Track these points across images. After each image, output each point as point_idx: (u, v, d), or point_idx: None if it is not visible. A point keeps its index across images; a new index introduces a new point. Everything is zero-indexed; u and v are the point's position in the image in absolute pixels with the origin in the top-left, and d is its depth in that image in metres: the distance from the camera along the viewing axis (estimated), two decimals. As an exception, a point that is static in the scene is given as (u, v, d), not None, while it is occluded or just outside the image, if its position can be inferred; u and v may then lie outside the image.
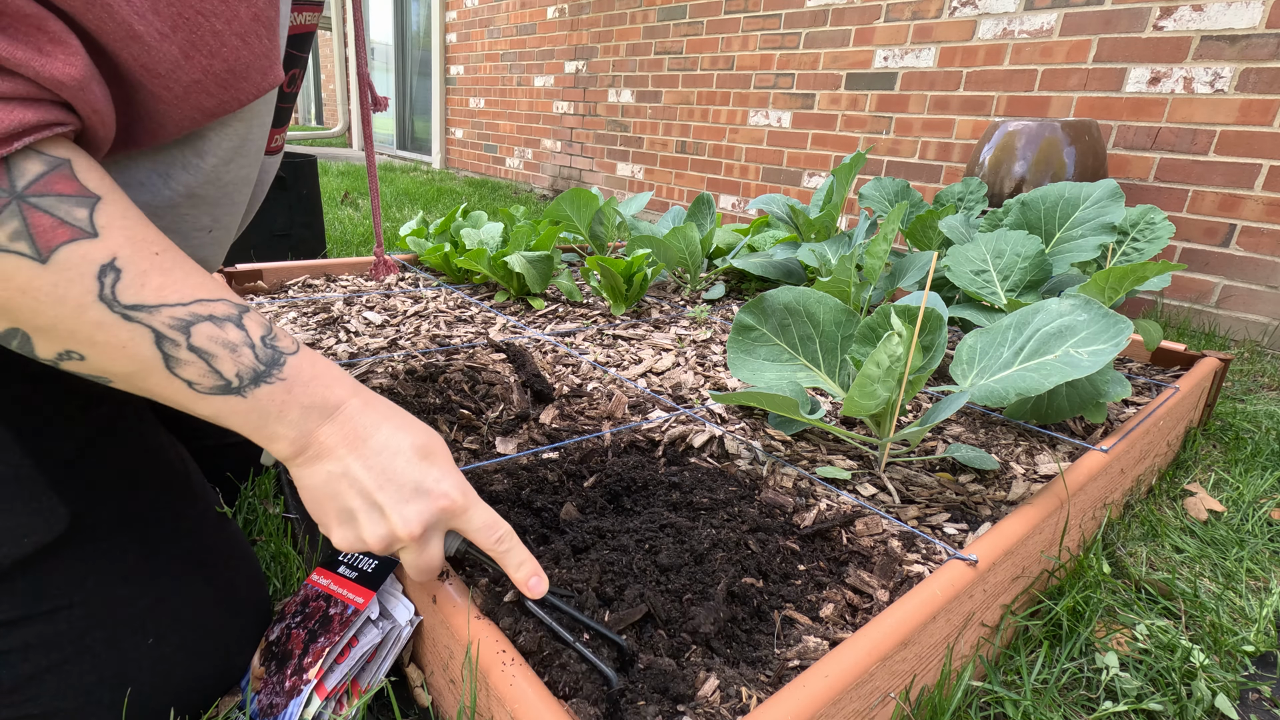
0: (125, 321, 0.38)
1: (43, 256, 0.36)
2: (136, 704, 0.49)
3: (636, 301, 1.45)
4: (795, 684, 0.45)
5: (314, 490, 0.46)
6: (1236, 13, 1.81)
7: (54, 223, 0.36)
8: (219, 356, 0.41)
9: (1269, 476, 1.09)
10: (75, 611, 0.47)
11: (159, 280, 0.39)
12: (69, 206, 0.37)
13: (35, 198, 0.36)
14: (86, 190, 0.38)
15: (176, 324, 0.40)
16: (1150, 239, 1.17)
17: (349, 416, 0.45)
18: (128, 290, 0.38)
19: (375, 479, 0.45)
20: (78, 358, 0.39)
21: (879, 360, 0.70)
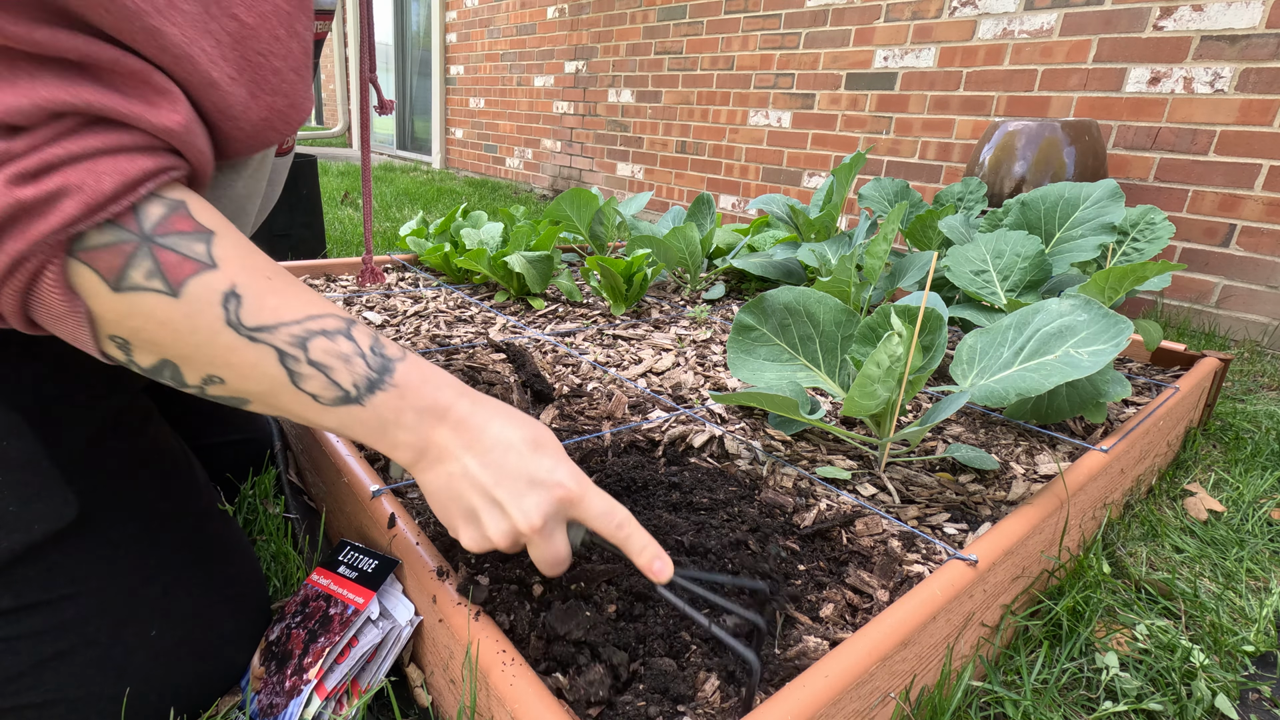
0: (252, 343, 0.41)
1: (175, 291, 0.39)
2: (136, 698, 0.49)
3: (636, 301, 1.45)
4: (795, 684, 0.45)
5: (438, 493, 0.47)
6: (1236, 13, 1.81)
7: (179, 259, 0.39)
8: (335, 368, 0.43)
9: (1269, 476, 1.09)
10: (80, 601, 0.48)
11: (275, 301, 0.42)
12: (189, 242, 0.39)
13: (161, 238, 0.38)
14: (202, 227, 0.40)
15: (294, 341, 0.42)
16: (1150, 239, 1.17)
17: (461, 418, 0.46)
18: (249, 314, 0.41)
19: (492, 475, 0.45)
20: (219, 381, 0.42)
21: (879, 360, 0.70)
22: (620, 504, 0.47)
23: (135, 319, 0.39)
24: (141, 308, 0.38)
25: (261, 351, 0.41)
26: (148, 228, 0.38)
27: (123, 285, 0.38)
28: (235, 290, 0.40)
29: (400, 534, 0.59)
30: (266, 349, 0.41)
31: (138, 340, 0.40)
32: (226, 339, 0.40)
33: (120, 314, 0.38)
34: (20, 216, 0.34)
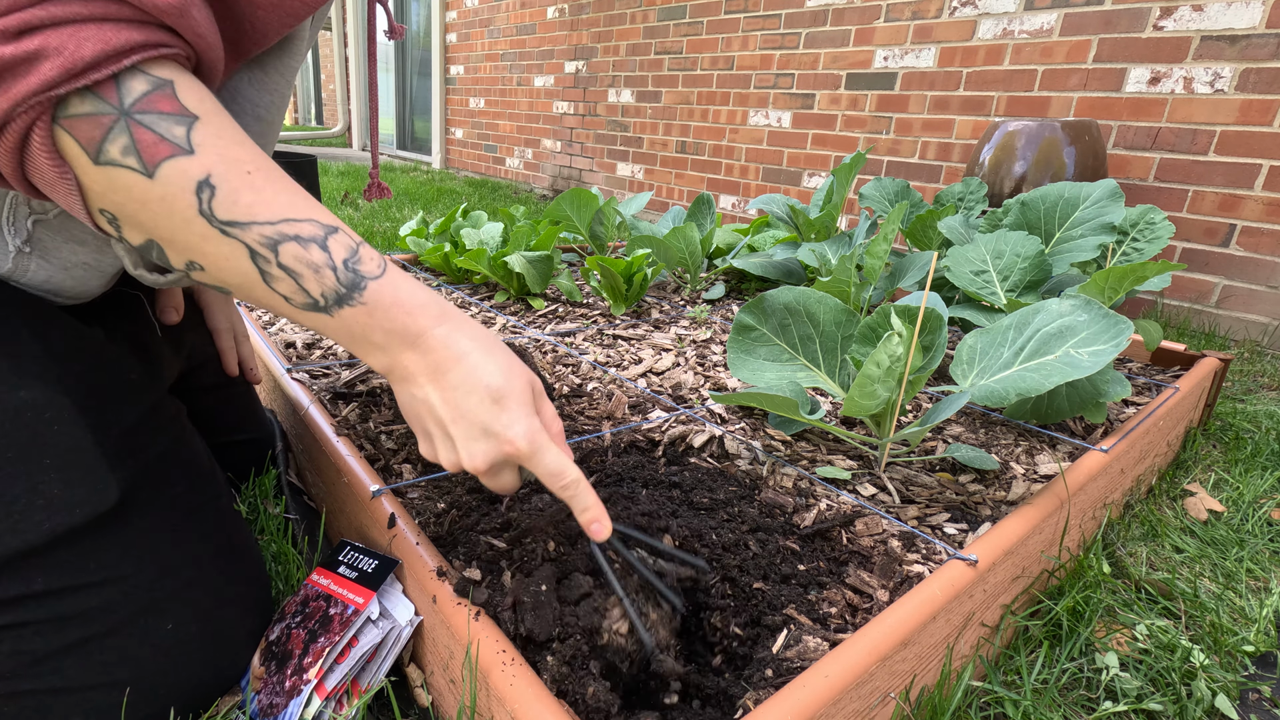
0: (224, 236, 0.41)
1: (149, 171, 0.39)
2: (147, 689, 0.50)
3: (636, 301, 1.45)
4: (795, 684, 0.45)
5: (403, 405, 0.50)
6: (1236, 13, 1.81)
7: (155, 139, 0.38)
8: (304, 276, 0.43)
9: (1269, 476, 1.09)
10: (108, 589, 0.48)
11: (250, 198, 0.41)
12: (169, 124, 0.39)
13: (139, 114, 0.38)
14: (185, 110, 0.39)
15: (265, 241, 0.42)
16: (1150, 239, 1.17)
17: (431, 346, 0.46)
18: (222, 206, 0.40)
19: (449, 412, 0.46)
20: (200, 268, 0.43)
21: (879, 360, 0.70)
22: (572, 465, 0.48)
23: (117, 194, 0.39)
24: (120, 183, 0.39)
25: (233, 246, 0.41)
26: (127, 103, 0.38)
27: (100, 158, 0.38)
28: (210, 179, 0.40)
29: (400, 534, 0.59)
30: (238, 244, 0.41)
31: (123, 216, 0.41)
32: (199, 228, 0.40)
33: (103, 187, 0.39)
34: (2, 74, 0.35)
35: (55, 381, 0.48)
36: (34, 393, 0.47)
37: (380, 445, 0.76)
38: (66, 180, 0.39)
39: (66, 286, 0.52)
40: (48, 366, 0.48)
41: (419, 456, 0.75)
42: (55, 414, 0.47)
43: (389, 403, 0.85)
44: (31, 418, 0.46)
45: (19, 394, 0.46)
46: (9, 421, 0.46)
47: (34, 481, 0.46)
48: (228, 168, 0.40)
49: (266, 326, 1.14)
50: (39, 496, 0.46)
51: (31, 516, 0.45)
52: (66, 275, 0.51)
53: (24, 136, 0.37)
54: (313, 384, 0.89)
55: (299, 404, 0.83)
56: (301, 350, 1.03)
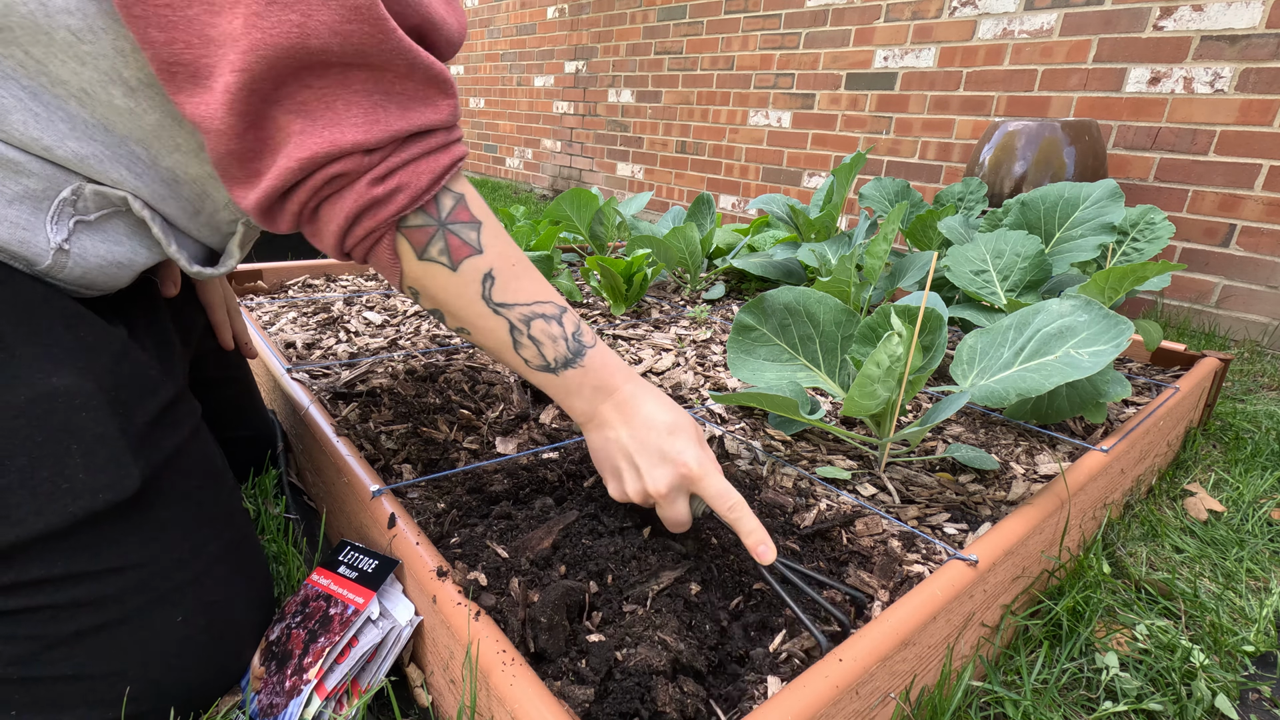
0: (494, 314, 0.55)
1: (454, 266, 0.53)
2: (151, 682, 0.50)
3: (636, 301, 1.45)
4: (795, 684, 0.45)
5: (596, 450, 0.61)
6: (1236, 13, 1.81)
7: (460, 243, 0.53)
8: (545, 345, 0.57)
9: (1269, 476, 1.09)
10: (123, 577, 0.49)
11: (515, 286, 0.55)
12: (467, 230, 0.53)
13: (451, 225, 0.53)
14: (475, 218, 0.54)
15: (523, 319, 0.56)
16: (1150, 239, 1.17)
17: (623, 398, 0.58)
18: (498, 292, 0.55)
19: (635, 445, 0.57)
20: (467, 332, 0.57)
21: (879, 360, 0.70)
22: (736, 491, 0.56)
23: (426, 279, 0.54)
24: (431, 272, 0.53)
25: (499, 321, 0.56)
26: (443, 216, 0.52)
27: (424, 256, 0.53)
28: (492, 273, 0.54)
29: (400, 534, 0.59)
30: (502, 320, 0.56)
31: (425, 292, 0.55)
32: (479, 307, 0.55)
33: (419, 274, 0.54)
34: (372, 206, 0.49)
35: (85, 371, 0.49)
36: (66, 380, 0.48)
37: (380, 445, 0.76)
38: (396, 267, 0.53)
39: (98, 282, 0.54)
40: (78, 357, 0.50)
41: (419, 456, 0.75)
42: (84, 401, 0.49)
43: (389, 403, 0.85)
44: (63, 404, 0.48)
45: (52, 380, 0.48)
46: (41, 407, 0.47)
47: (60, 466, 0.47)
48: (502, 263, 0.55)
49: (267, 326, 1.14)
50: (64, 480, 0.47)
51: (56, 500, 0.47)
52: (100, 273, 0.54)
53: (377, 241, 0.51)
54: (313, 384, 0.89)
55: (299, 404, 0.83)
56: (301, 350, 1.03)
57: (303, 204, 0.48)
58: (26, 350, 0.48)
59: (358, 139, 0.46)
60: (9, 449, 0.46)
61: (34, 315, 0.49)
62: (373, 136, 0.47)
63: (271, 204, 0.49)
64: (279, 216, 0.50)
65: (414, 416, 0.82)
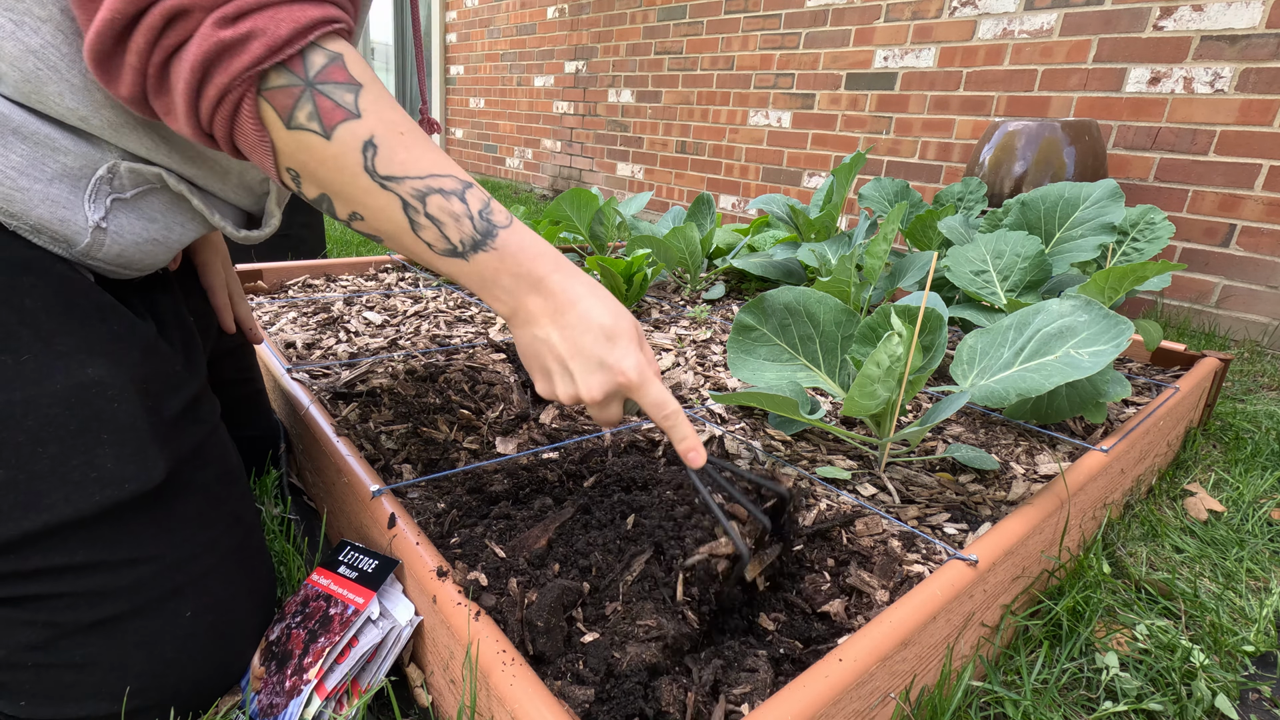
0: (382, 190, 0.47)
1: (327, 134, 0.45)
2: (157, 675, 0.50)
3: (636, 301, 1.45)
4: (795, 684, 0.45)
5: (523, 347, 0.55)
6: (1236, 13, 1.81)
7: (332, 106, 0.45)
8: (446, 224, 0.49)
9: (1269, 476, 1.09)
10: (140, 568, 0.50)
11: (403, 156, 0.47)
12: (342, 92, 0.45)
13: (320, 85, 0.45)
14: (353, 79, 0.46)
15: (415, 194, 0.48)
16: (1150, 239, 1.17)
17: (551, 290, 0.52)
18: (382, 163, 0.47)
19: (568, 349, 0.52)
20: (360, 218, 0.49)
21: (879, 360, 0.70)
22: (673, 398, 0.54)
23: (301, 154, 0.46)
24: (305, 144, 0.46)
25: (389, 198, 0.48)
26: (311, 75, 0.44)
27: (291, 124, 0.45)
28: (373, 140, 0.46)
29: (400, 534, 0.59)
30: (393, 196, 0.48)
31: (304, 173, 0.47)
32: (364, 182, 0.47)
33: (291, 149, 0.46)
34: (223, 54, 0.41)
35: (118, 363, 0.50)
36: (100, 371, 0.49)
37: (380, 445, 0.76)
38: (264, 143, 0.45)
39: (135, 260, 0.55)
40: (112, 348, 0.51)
41: (419, 456, 0.75)
42: (117, 392, 0.49)
43: (389, 403, 0.85)
44: (97, 394, 0.49)
45: (88, 370, 0.49)
46: (76, 396, 0.48)
47: (91, 455, 0.48)
48: (386, 129, 0.47)
49: (267, 326, 1.14)
50: (94, 469, 0.48)
51: (85, 488, 0.47)
52: (137, 250, 0.54)
53: (236, 107, 0.44)
54: (313, 384, 0.89)
55: (299, 404, 0.83)
56: (301, 350, 1.03)
57: (142, 54, 0.42)
58: (64, 340, 0.48)
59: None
60: (44, 436, 0.47)
61: (71, 306, 0.50)
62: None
63: (106, 49, 0.42)
64: (118, 72, 0.43)
65: (414, 416, 0.82)
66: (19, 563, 0.46)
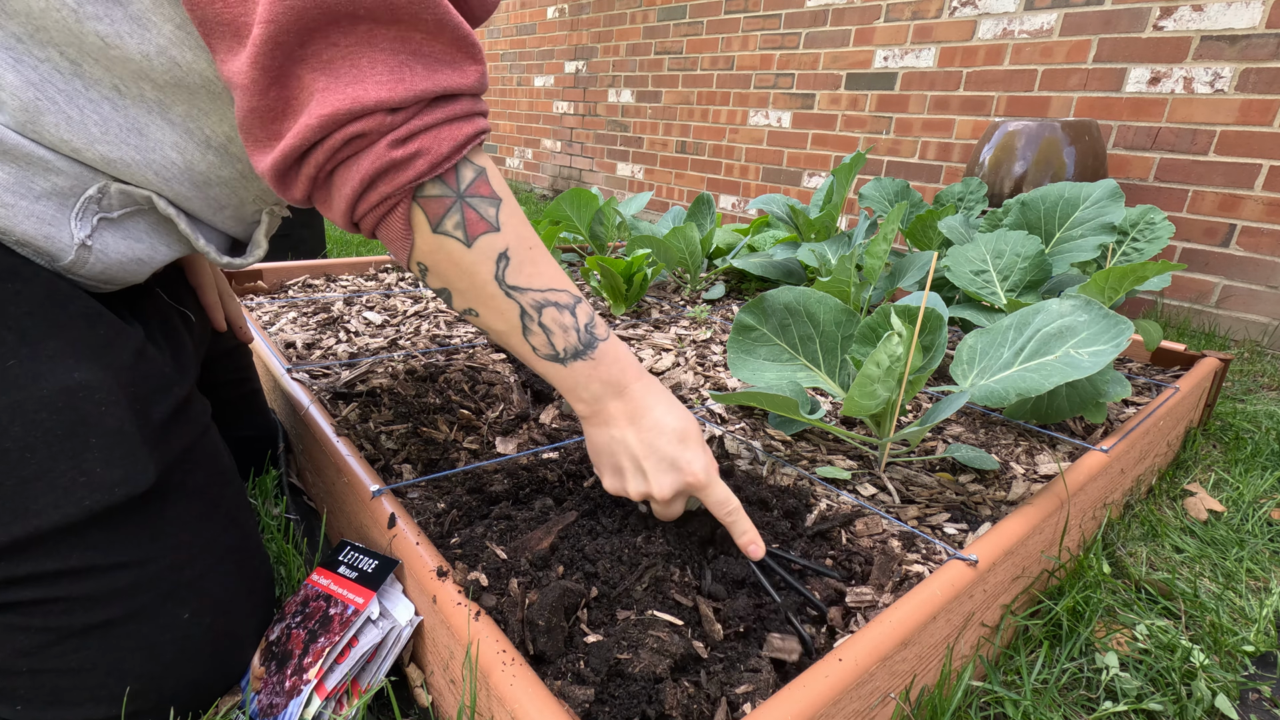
0: (506, 296, 0.52)
1: (469, 242, 0.50)
2: (154, 679, 0.50)
3: (636, 301, 1.45)
4: (795, 684, 0.45)
5: (597, 445, 0.59)
6: (1236, 13, 1.81)
7: (477, 218, 0.50)
8: (555, 334, 0.54)
9: (1269, 476, 1.09)
10: (133, 571, 0.50)
11: (530, 270, 0.53)
12: (486, 205, 0.50)
13: (470, 198, 0.49)
14: (495, 194, 0.51)
15: (535, 304, 0.53)
16: (1150, 239, 1.17)
17: (633, 396, 0.57)
18: (512, 274, 0.52)
19: (643, 450, 0.56)
20: (474, 314, 0.54)
21: (879, 360, 0.70)
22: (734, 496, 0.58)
23: (438, 254, 0.51)
24: (445, 248, 0.50)
25: (511, 305, 0.53)
26: (462, 188, 0.49)
27: (438, 229, 0.49)
28: (507, 252, 0.51)
29: (400, 534, 0.59)
30: (514, 304, 0.53)
31: (434, 269, 0.52)
32: (491, 289, 0.52)
33: (431, 248, 0.50)
34: (390, 169, 0.46)
35: (105, 367, 0.50)
36: (87, 375, 0.49)
37: (380, 445, 0.76)
38: (407, 240, 0.50)
39: (118, 278, 0.55)
40: (99, 352, 0.51)
41: (419, 456, 0.75)
42: (104, 396, 0.49)
43: (389, 403, 0.85)
44: (84, 398, 0.48)
45: (74, 375, 0.49)
46: (63, 400, 0.48)
47: (79, 459, 0.48)
48: (519, 243, 0.52)
49: (267, 326, 1.14)
50: (82, 474, 0.48)
51: (74, 493, 0.47)
52: (120, 269, 0.55)
53: (391, 209, 0.48)
54: (313, 384, 0.89)
55: (299, 404, 0.83)
56: (301, 350, 1.03)
57: (319, 166, 0.46)
58: (50, 345, 0.48)
59: (381, 97, 0.44)
60: (32, 441, 0.47)
61: (57, 311, 0.50)
62: (397, 95, 0.44)
63: (288, 166, 0.47)
64: (293, 181, 0.48)
65: (414, 416, 0.82)
66: (11, 569, 0.46)
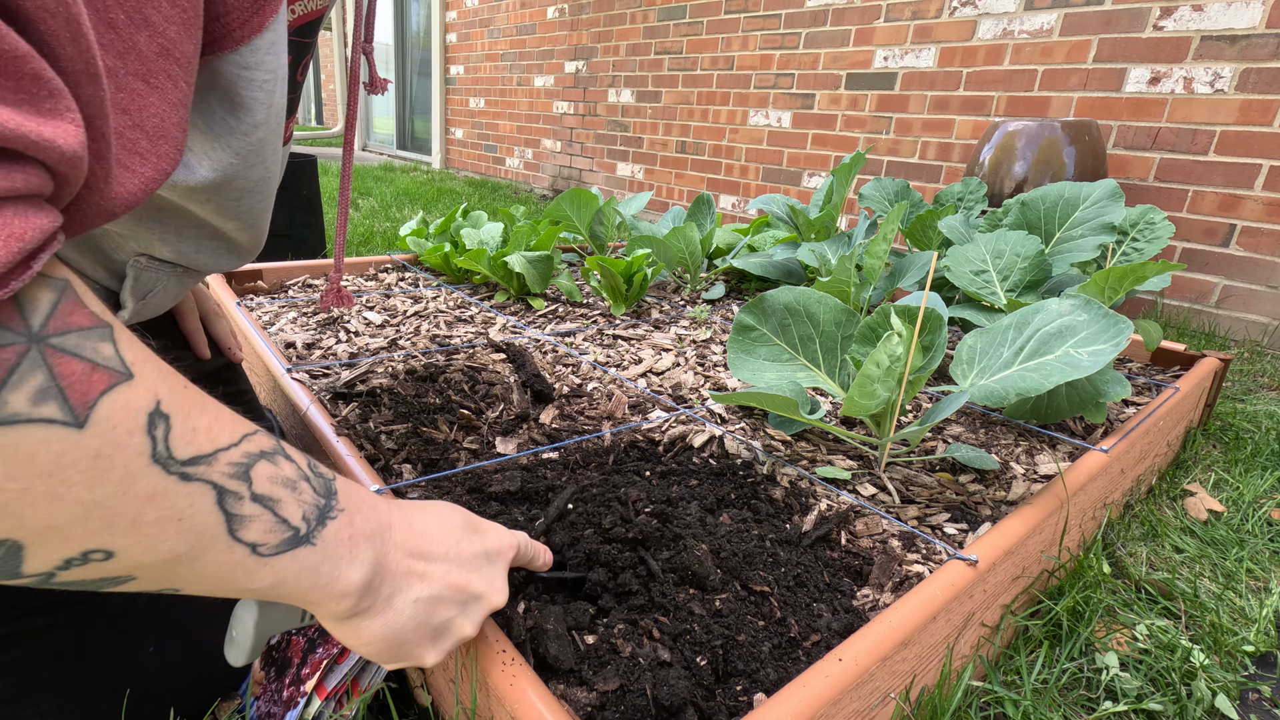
0: (183, 483, 0.29)
1: (79, 419, 0.25)
2: (135, 710, 0.49)
3: (636, 301, 1.45)
4: (795, 684, 0.45)
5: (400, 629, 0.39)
6: (1236, 13, 1.81)
7: (86, 368, 0.26)
8: (283, 501, 0.33)
9: (1269, 476, 1.09)
10: (77, 623, 0.48)
11: (205, 420, 0.30)
12: (93, 342, 0.27)
13: (56, 337, 0.25)
14: (98, 317, 0.27)
15: (236, 471, 0.31)
16: (1150, 239, 1.17)
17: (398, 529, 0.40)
18: (180, 441, 0.29)
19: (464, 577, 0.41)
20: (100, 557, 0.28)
21: (879, 360, 0.70)
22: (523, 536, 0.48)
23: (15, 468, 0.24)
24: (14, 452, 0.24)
25: (194, 494, 0.29)
26: (36, 324, 0.25)
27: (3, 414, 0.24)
28: (160, 408, 0.28)
29: (400, 534, 0.59)
30: (202, 487, 0.30)
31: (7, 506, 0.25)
32: (148, 484, 0.28)
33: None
34: None
35: None
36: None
37: (380, 445, 0.76)
38: None
39: None
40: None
41: (419, 456, 0.75)
42: None
43: (389, 403, 0.85)
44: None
45: None
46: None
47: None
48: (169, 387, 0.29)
49: (267, 326, 1.14)
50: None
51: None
52: None
53: None
54: (313, 384, 0.89)
55: (299, 404, 0.83)
56: (301, 350, 1.03)
57: None
58: None
59: None
60: None
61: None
62: None
63: None
64: None
65: (414, 416, 0.82)
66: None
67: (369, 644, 0.39)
